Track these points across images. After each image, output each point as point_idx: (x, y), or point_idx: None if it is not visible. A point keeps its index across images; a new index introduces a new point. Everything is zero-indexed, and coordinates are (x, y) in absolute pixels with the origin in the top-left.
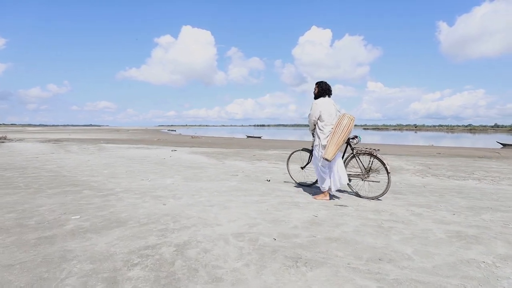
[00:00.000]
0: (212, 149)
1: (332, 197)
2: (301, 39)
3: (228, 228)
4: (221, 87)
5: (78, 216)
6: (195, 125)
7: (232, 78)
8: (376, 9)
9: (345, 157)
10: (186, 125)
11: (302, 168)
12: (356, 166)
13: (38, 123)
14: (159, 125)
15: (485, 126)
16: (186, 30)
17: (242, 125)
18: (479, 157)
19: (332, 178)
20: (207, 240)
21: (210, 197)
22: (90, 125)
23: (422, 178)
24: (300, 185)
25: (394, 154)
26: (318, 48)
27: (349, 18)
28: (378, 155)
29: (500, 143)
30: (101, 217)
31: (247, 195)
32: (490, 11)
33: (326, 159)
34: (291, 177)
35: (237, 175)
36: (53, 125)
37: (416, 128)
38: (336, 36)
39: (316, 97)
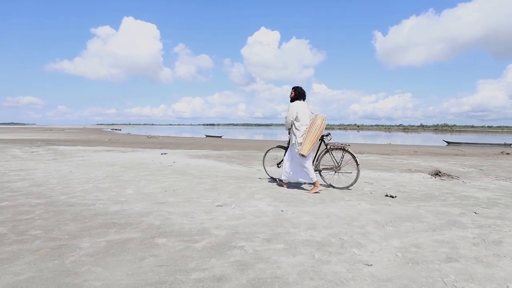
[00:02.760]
0: (200, 151)
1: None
2: (250, 39)
3: None
4: (168, 84)
5: None
6: (140, 124)
7: (180, 75)
8: (321, 16)
9: (319, 152)
10: (130, 124)
11: (278, 165)
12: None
13: None
14: (98, 124)
15: (413, 126)
16: (128, 22)
17: (191, 124)
18: (455, 155)
19: (301, 173)
20: None
21: (400, 243)
22: (12, 123)
23: (509, 183)
24: (275, 180)
25: (377, 153)
26: (266, 49)
27: (296, 22)
28: (349, 150)
29: (446, 141)
30: None
31: (427, 229)
32: (415, 25)
33: (302, 155)
34: (267, 173)
35: (327, 189)
36: None
37: (358, 127)
38: (284, 38)
39: (292, 100)
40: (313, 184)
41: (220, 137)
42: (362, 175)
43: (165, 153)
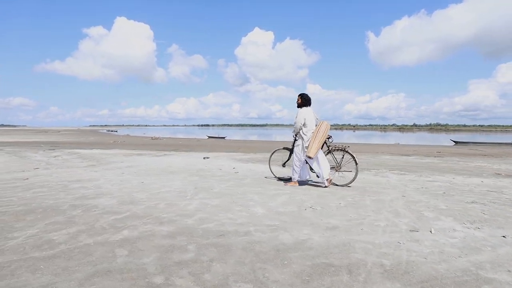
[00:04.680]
0: (236, 155)
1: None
2: (244, 40)
3: None
4: (162, 85)
5: None
6: (134, 125)
7: (174, 76)
8: (315, 17)
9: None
10: (124, 125)
11: (283, 165)
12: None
13: None
14: (90, 125)
15: (406, 125)
16: (121, 22)
17: (185, 125)
18: (483, 155)
19: (320, 170)
20: None
21: None
22: (2, 125)
23: None
24: (280, 179)
25: (416, 154)
26: (261, 49)
27: (290, 23)
28: (349, 150)
29: (453, 141)
30: None
31: None
32: (408, 26)
33: (309, 157)
34: (272, 173)
35: (479, 202)
36: None
37: (354, 127)
38: (278, 38)
39: (299, 106)
40: (326, 180)
41: (223, 138)
42: (471, 182)
43: (208, 157)
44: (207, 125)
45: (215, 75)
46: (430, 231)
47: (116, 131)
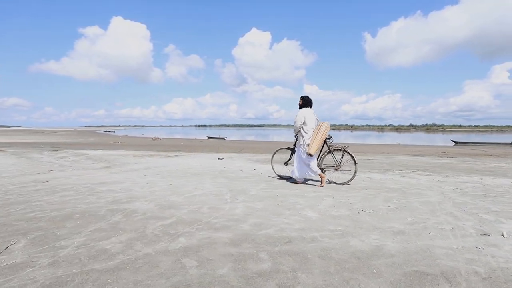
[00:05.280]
0: (250, 155)
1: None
2: (241, 40)
3: None
4: (158, 85)
5: None
6: (130, 126)
7: (171, 76)
8: (312, 18)
9: (322, 152)
10: (120, 126)
11: (285, 164)
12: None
13: None
14: (86, 126)
15: (403, 125)
16: (117, 22)
17: (182, 126)
18: (488, 155)
19: (308, 170)
20: None
21: None
22: None
23: None
24: (281, 177)
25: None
26: (258, 50)
27: (287, 23)
28: (349, 150)
29: (453, 141)
30: None
31: None
32: (404, 27)
33: (310, 154)
34: (274, 171)
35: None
36: None
37: (351, 128)
38: (275, 39)
39: (301, 107)
40: (320, 176)
41: (224, 138)
42: (502, 183)
43: (222, 158)
44: (204, 126)
45: (212, 75)
46: (502, 235)
47: (114, 132)
